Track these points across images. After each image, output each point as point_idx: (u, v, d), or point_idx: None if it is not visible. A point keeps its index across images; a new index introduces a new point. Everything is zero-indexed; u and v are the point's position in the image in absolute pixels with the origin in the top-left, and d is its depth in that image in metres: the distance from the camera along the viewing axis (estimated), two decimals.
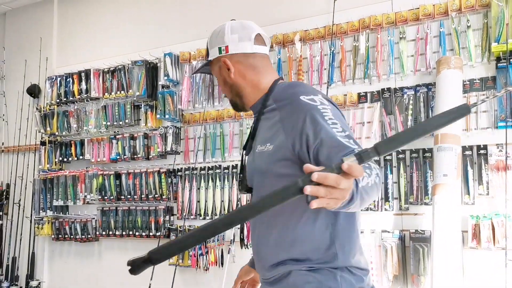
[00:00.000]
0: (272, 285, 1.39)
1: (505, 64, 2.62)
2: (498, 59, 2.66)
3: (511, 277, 2.42)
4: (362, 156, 0.87)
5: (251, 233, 1.51)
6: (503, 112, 2.62)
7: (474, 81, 2.72)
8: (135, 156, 3.90)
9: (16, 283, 4.40)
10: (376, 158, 0.89)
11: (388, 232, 2.83)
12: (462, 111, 0.93)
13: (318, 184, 0.86)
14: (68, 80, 4.30)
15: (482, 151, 2.65)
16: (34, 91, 4.57)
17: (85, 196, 4.09)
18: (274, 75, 1.49)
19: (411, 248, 2.73)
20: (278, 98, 1.37)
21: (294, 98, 1.30)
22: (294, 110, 1.28)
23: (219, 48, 1.48)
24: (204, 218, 3.52)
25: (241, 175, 1.50)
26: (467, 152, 2.68)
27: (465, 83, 2.72)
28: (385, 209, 2.90)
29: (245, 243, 3.24)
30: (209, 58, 1.51)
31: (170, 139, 3.71)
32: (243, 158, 1.50)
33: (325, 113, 1.24)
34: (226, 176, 3.49)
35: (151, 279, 3.47)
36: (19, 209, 4.49)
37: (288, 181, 0.92)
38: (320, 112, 1.24)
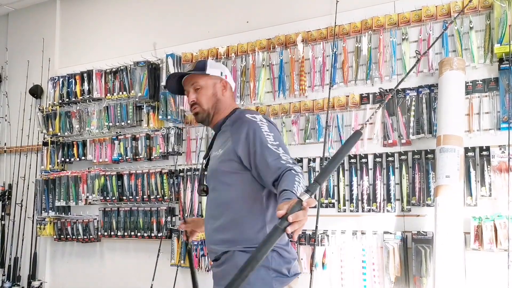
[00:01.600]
0: (220, 266, 1.76)
1: (507, 65, 2.61)
2: (501, 61, 2.65)
3: None
4: (311, 191, 1.21)
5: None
6: (505, 114, 2.62)
7: (477, 83, 2.72)
8: (137, 157, 3.90)
9: (18, 283, 4.41)
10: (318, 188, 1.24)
11: (390, 233, 2.83)
12: (357, 136, 1.27)
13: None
14: (70, 80, 4.30)
15: (484, 153, 2.65)
16: (36, 92, 4.57)
17: (87, 197, 4.10)
18: (235, 104, 2.00)
19: (413, 249, 2.72)
20: (233, 119, 1.83)
21: (241, 116, 1.81)
22: (240, 124, 1.75)
23: (221, 72, 1.94)
24: None
25: (200, 180, 1.96)
26: (470, 154, 2.68)
27: (467, 84, 2.71)
28: (387, 211, 2.90)
29: None
30: (207, 72, 1.90)
31: (172, 140, 3.71)
32: (202, 166, 1.94)
33: (262, 127, 1.70)
34: None
35: (153, 280, 3.48)
36: (21, 210, 4.50)
37: (245, 197, 1.70)
38: (259, 126, 1.70)
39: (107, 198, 3.98)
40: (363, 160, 3.00)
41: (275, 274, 1.66)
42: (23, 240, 4.47)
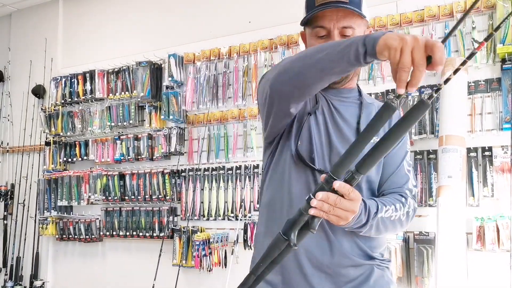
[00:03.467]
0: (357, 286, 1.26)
1: (510, 65, 2.61)
2: (503, 61, 2.65)
3: None
4: (348, 180, 0.97)
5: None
6: (508, 114, 2.61)
7: (479, 83, 2.71)
8: (139, 157, 3.90)
9: (20, 283, 4.41)
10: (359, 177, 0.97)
11: None
12: (422, 107, 0.90)
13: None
14: (73, 80, 4.31)
15: (487, 153, 2.64)
16: (39, 92, 4.59)
17: (89, 197, 4.10)
18: None
19: (415, 250, 2.72)
20: (378, 104, 1.39)
21: (398, 115, 1.33)
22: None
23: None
24: (208, 219, 3.53)
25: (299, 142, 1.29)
26: (472, 154, 2.67)
27: (470, 84, 2.71)
28: None
29: (248, 244, 3.23)
30: (364, 14, 1.28)
31: (174, 140, 3.71)
32: (310, 124, 1.30)
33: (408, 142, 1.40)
34: (230, 177, 3.49)
35: (154, 279, 3.48)
36: (23, 209, 4.51)
37: None
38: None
39: (109, 198, 3.99)
40: None
41: None
42: (25, 239, 4.48)
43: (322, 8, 1.25)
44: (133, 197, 3.89)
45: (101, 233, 4.04)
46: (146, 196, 3.82)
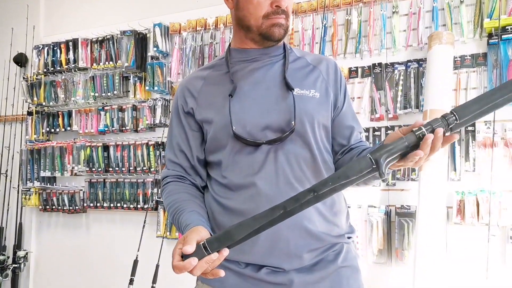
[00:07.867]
0: (314, 271, 1.21)
1: (496, 40, 2.60)
2: (490, 36, 2.64)
3: (492, 251, 2.46)
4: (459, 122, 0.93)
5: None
6: None
7: (465, 57, 2.71)
8: (124, 128, 3.86)
9: (4, 253, 4.39)
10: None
11: (375, 207, 2.85)
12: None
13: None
14: (55, 49, 4.21)
15: (470, 128, 2.66)
16: (21, 60, 4.48)
17: (73, 168, 4.06)
18: None
19: (397, 223, 2.75)
20: (311, 56, 1.40)
21: (335, 64, 1.39)
22: (337, 74, 1.36)
23: None
24: None
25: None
26: None
27: (456, 59, 2.70)
28: (373, 185, 2.91)
29: None
30: None
31: (159, 111, 3.67)
32: (229, 103, 1.28)
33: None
34: None
35: (138, 251, 3.48)
36: (6, 180, 4.46)
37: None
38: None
39: (93, 169, 3.95)
40: None
41: None
42: (8, 210, 4.44)
43: None
44: (117, 168, 3.86)
45: (85, 205, 4.02)
46: (131, 168, 3.80)
